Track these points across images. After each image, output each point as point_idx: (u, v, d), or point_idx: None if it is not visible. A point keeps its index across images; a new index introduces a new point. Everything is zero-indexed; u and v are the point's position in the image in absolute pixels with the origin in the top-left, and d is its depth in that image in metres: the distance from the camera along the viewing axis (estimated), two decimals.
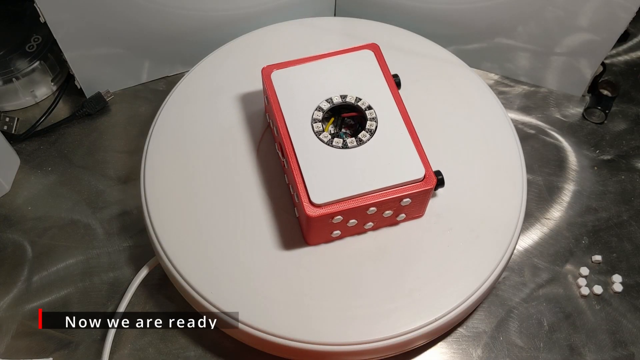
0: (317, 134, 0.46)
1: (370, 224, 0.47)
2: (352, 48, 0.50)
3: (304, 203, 0.43)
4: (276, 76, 0.49)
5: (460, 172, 0.51)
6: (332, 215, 0.43)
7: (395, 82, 0.50)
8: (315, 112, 0.47)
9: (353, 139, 0.46)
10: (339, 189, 0.43)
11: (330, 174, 0.44)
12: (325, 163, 0.45)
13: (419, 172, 0.44)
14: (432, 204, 0.49)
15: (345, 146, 0.45)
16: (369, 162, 0.45)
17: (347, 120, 0.49)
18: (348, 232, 0.47)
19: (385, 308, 0.45)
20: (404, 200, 0.44)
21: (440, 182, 0.46)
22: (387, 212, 0.45)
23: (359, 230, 0.47)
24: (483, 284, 0.46)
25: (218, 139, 0.52)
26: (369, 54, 0.50)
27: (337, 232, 0.46)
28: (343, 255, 0.47)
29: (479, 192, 0.50)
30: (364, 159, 0.45)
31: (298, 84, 0.48)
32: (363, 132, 0.46)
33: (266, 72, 0.49)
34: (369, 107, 0.47)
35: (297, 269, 0.46)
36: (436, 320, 0.44)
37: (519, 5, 0.58)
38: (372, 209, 0.44)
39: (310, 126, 0.46)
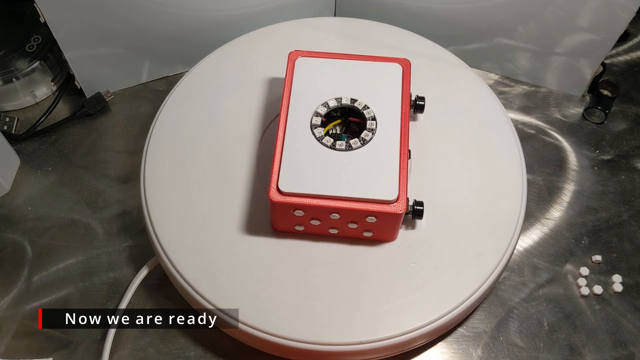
0: (313, 127, 0.46)
1: (335, 230, 0.46)
2: (384, 57, 0.50)
3: (271, 186, 0.43)
4: (300, 62, 0.49)
5: (460, 172, 0.51)
6: (293, 206, 0.43)
7: (416, 103, 0.50)
8: (321, 106, 0.47)
9: (344, 142, 0.45)
10: (308, 184, 0.43)
11: (307, 168, 0.44)
12: (307, 156, 0.45)
13: (391, 194, 0.43)
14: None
15: (333, 147, 0.45)
16: (349, 169, 0.44)
17: (353, 125, 0.49)
18: (312, 230, 0.47)
19: (385, 308, 0.45)
20: (369, 217, 0.44)
21: (417, 213, 0.46)
22: (351, 223, 0.45)
23: (323, 232, 0.47)
24: (483, 284, 0.46)
25: (218, 138, 0.52)
26: (397, 68, 0.49)
27: (300, 227, 0.46)
28: (344, 256, 0.47)
29: (479, 192, 0.50)
30: (345, 164, 0.45)
31: (317, 75, 0.49)
32: (356, 139, 0.46)
33: (292, 57, 0.49)
34: (373, 118, 0.47)
35: (298, 270, 0.46)
36: (436, 320, 0.44)
37: (519, 5, 0.58)
38: (334, 214, 0.44)
39: (310, 118, 0.46)
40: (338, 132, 0.48)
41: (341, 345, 0.43)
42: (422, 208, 0.46)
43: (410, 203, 0.46)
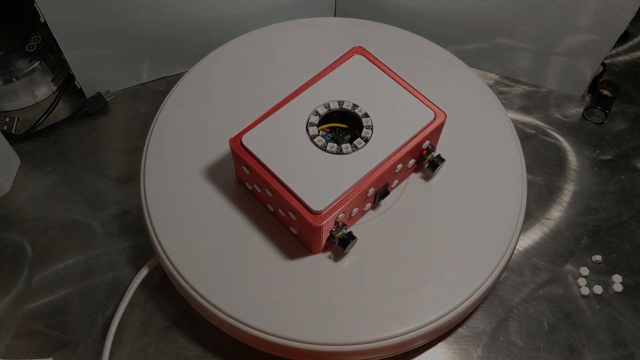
0: (313, 113, 0.46)
1: (271, 207, 0.47)
2: (428, 101, 0.48)
3: (238, 134, 0.45)
4: (355, 59, 0.49)
5: (460, 172, 0.51)
6: (242, 160, 0.45)
7: (433, 160, 0.48)
8: (336, 102, 0.47)
9: (325, 141, 0.45)
10: (264, 151, 0.44)
11: (277, 140, 0.45)
12: (285, 132, 0.45)
13: (318, 205, 0.43)
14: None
15: (312, 138, 0.45)
16: (308, 163, 0.44)
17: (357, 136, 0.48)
18: (256, 195, 0.48)
19: (385, 308, 0.45)
20: (291, 212, 0.44)
21: (342, 242, 0.45)
22: (280, 209, 0.46)
23: (264, 202, 0.48)
24: (483, 284, 0.46)
25: (218, 138, 0.52)
26: (428, 114, 0.47)
27: (249, 185, 0.48)
28: (343, 257, 0.47)
29: (478, 192, 0.50)
30: (310, 159, 0.45)
31: (356, 77, 0.49)
32: (336, 145, 0.45)
33: (353, 50, 0.50)
34: (367, 140, 0.46)
35: (296, 270, 0.46)
36: (436, 320, 0.44)
37: (519, 5, 0.58)
38: (267, 190, 0.45)
39: (314, 106, 0.47)
40: (339, 132, 0.48)
41: (341, 345, 0.44)
42: (349, 240, 0.45)
43: (346, 231, 0.45)
